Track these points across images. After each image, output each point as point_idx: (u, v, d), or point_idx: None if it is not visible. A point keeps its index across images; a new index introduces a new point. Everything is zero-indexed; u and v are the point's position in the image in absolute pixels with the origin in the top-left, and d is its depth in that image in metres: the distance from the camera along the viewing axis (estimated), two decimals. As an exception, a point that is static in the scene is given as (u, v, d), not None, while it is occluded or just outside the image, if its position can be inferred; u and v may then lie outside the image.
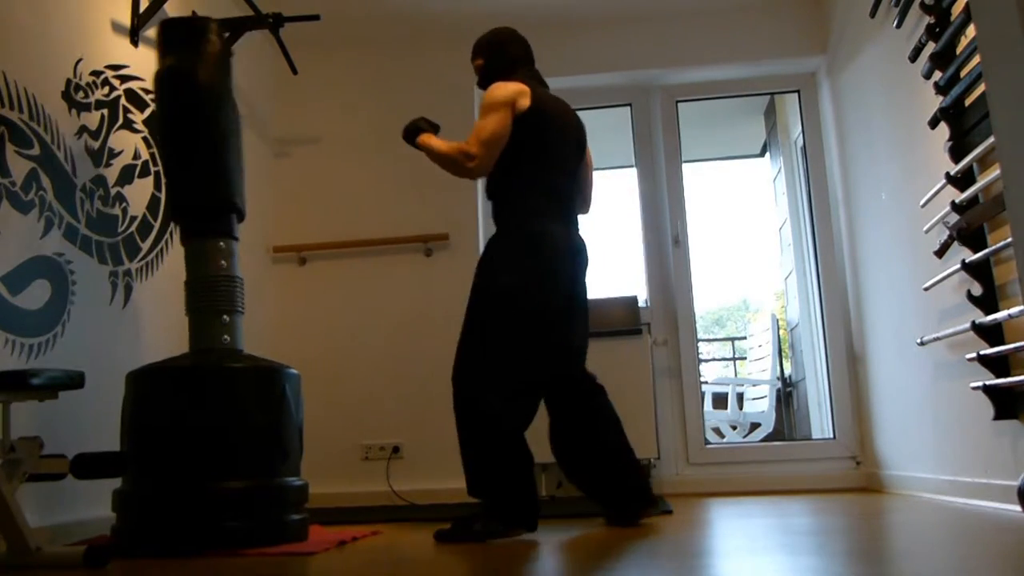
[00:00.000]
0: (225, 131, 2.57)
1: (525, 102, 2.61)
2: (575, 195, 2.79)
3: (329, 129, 4.38)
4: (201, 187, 2.53)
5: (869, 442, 3.85)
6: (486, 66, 2.85)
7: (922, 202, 2.98)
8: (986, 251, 2.57)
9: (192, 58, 2.55)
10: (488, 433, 2.47)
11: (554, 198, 2.67)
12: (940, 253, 2.87)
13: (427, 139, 2.70)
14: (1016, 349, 2.42)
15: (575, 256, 2.68)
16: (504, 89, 2.63)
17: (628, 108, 4.43)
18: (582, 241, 2.74)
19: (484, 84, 2.83)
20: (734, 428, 5.43)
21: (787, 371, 5.86)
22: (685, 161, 4.37)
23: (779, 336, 5.82)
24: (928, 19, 2.87)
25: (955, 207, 2.71)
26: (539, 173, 2.66)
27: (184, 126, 2.54)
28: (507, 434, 2.47)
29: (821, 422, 4.49)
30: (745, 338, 6.85)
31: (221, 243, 2.53)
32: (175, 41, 2.60)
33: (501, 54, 2.83)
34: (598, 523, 2.69)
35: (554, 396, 2.67)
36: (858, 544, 2.03)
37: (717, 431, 5.45)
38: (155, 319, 3.06)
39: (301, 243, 4.22)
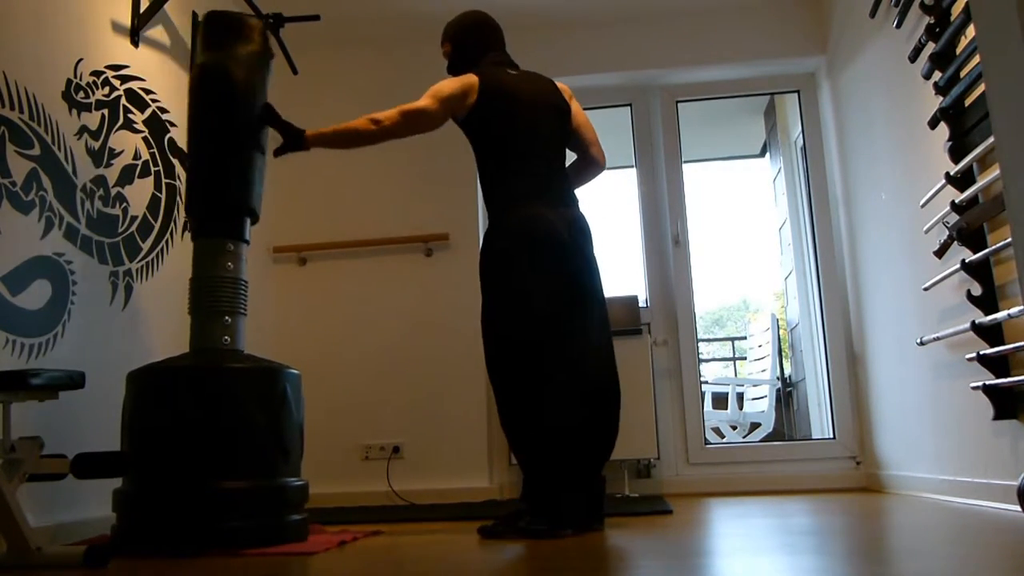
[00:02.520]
0: (255, 134, 2.58)
1: (472, 97, 2.60)
2: (562, 171, 2.69)
3: (329, 129, 4.37)
4: (221, 187, 2.54)
5: (869, 442, 3.85)
6: (453, 52, 2.82)
7: (922, 202, 2.99)
8: (986, 251, 2.57)
9: (231, 57, 2.55)
10: (529, 429, 2.45)
11: (537, 180, 2.59)
12: (940, 253, 2.87)
13: (318, 131, 2.68)
14: (1016, 349, 2.42)
15: (562, 237, 2.52)
16: (450, 83, 2.63)
17: (628, 108, 4.43)
18: (578, 218, 2.61)
19: (452, 70, 2.83)
20: (734, 428, 5.43)
21: (787, 371, 5.86)
22: (685, 161, 4.37)
23: (779, 336, 5.82)
24: (928, 19, 2.87)
25: (955, 207, 2.71)
26: (514, 158, 2.61)
27: (215, 125, 2.54)
28: (549, 430, 2.42)
29: (821, 422, 4.49)
30: (745, 338, 6.85)
31: (230, 245, 2.53)
32: (216, 37, 2.60)
33: (468, 42, 2.80)
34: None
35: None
36: (858, 544, 2.03)
37: (717, 431, 5.45)
38: (155, 319, 3.06)
39: (301, 243, 4.22)
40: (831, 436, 4.05)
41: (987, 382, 2.55)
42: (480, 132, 2.65)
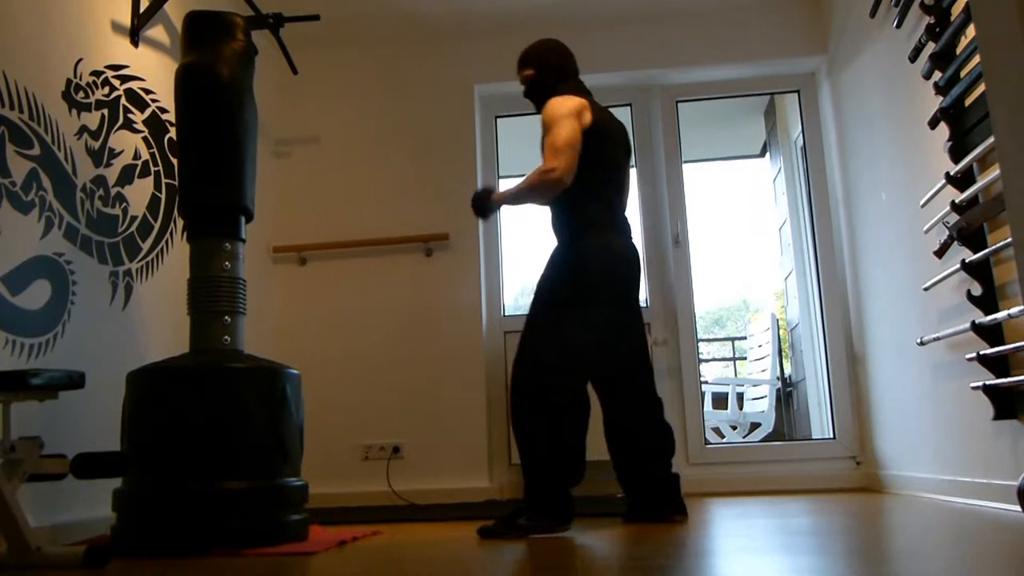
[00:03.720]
0: (242, 131, 2.57)
1: (588, 117, 2.68)
2: (626, 204, 2.89)
3: (329, 129, 4.38)
4: (212, 187, 2.53)
5: (869, 442, 3.85)
6: (538, 77, 2.85)
7: (922, 202, 2.99)
8: (986, 251, 2.57)
9: (215, 55, 2.55)
10: (555, 430, 2.54)
11: (612, 209, 2.77)
12: (940, 253, 2.87)
13: (501, 193, 2.79)
14: (1016, 349, 2.42)
15: (631, 266, 2.76)
16: (567, 103, 2.67)
17: (628, 108, 4.43)
18: (636, 250, 2.81)
19: (534, 94, 2.86)
20: (734, 428, 5.43)
21: (787, 371, 5.86)
22: (685, 161, 4.37)
23: (779, 336, 5.82)
24: (928, 19, 2.87)
25: (955, 207, 2.71)
26: (599, 185, 2.73)
27: (201, 124, 2.54)
28: (575, 434, 2.58)
29: (821, 422, 4.49)
30: (745, 338, 6.85)
31: (226, 244, 2.53)
32: (199, 36, 2.60)
33: (553, 66, 2.85)
34: (599, 523, 2.69)
35: (612, 396, 2.76)
36: (858, 544, 2.03)
37: (717, 431, 5.45)
38: (155, 319, 3.06)
39: (301, 243, 4.22)
40: (831, 436, 4.05)
41: (987, 382, 2.55)
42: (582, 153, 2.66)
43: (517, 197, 2.72)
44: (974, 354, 2.60)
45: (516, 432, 2.60)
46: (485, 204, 2.76)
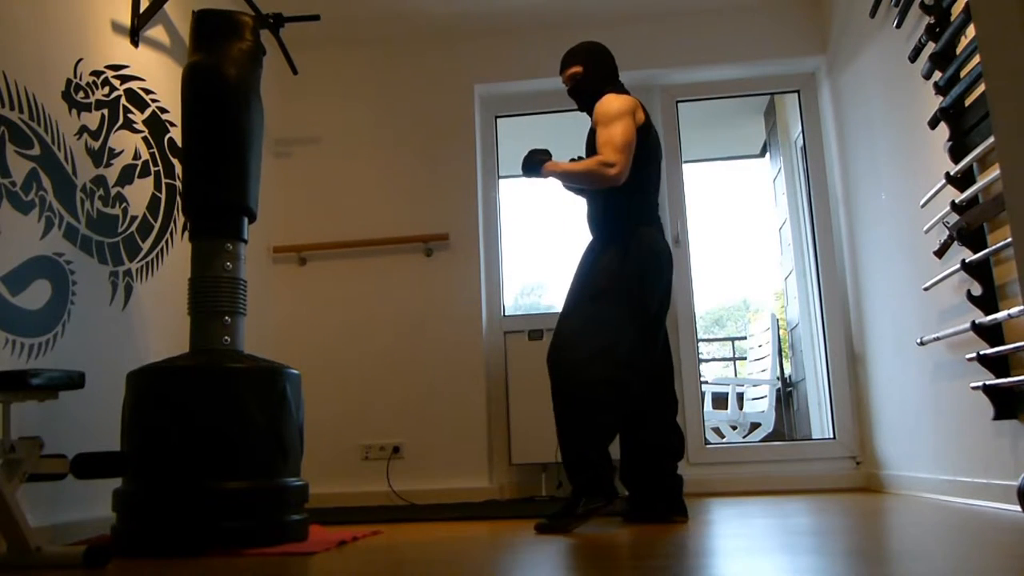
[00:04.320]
0: (247, 132, 2.57)
1: (641, 115, 2.76)
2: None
3: (329, 129, 4.38)
4: (216, 187, 2.53)
5: (869, 442, 3.85)
6: (586, 75, 2.88)
7: (922, 202, 2.99)
8: (986, 251, 2.57)
9: (222, 54, 2.55)
10: (602, 419, 2.61)
11: (655, 207, 2.86)
12: (940, 253, 2.87)
13: (554, 164, 2.79)
14: (1016, 349, 2.42)
15: (671, 264, 2.83)
16: (623, 100, 2.74)
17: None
18: (669, 247, 2.87)
19: (581, 92, 2.89)
20: (734, 428, 5.43)
21: (787, 371, 5.86)
22: (685, 161, 4.37)
23: (779, 336, 5.82)
24: (928, 19, 2.87)
25: (955, 207, 2.71)
26: (646, 184, 2.80)
27: (207, 124, 2.54)
28: (616, 423, 2.64)
29: (821, 422, 4.49)
30: (745, 338, 6.85)
31: (228, 244, 2.52)
32: (207, 35, 2.60)
33: (602, 64, 2.90)
34: (600, 523, 2.69)
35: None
36: (858, 544, 2.04)
37: (717, 431, 5.45)
38: (155, 319, 3.06)
39: (301, 243, 4.22)
40: (831, 436, 4.05)
41: (987, 382, 2.55)
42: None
43: (569, 176, 2.79)
44: (974, 354, 2.60)
45: (557, 418, 2.63)
46: (535, 166, 2.79)
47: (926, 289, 3.01)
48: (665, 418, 2.78)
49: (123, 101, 3.01)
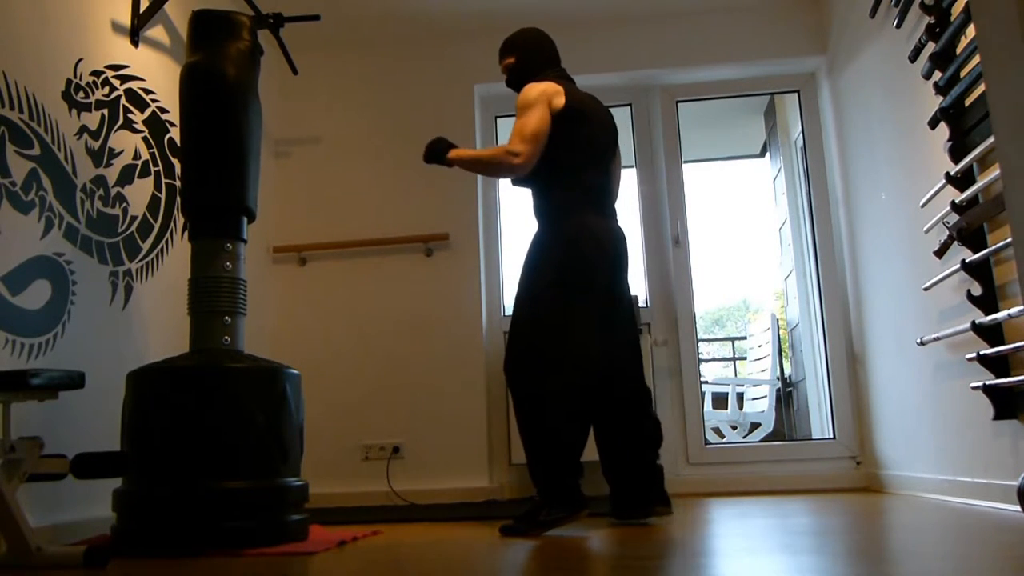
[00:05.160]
0: (246, 132, 2.57)
1: (560, 100, 2.70)
2: (612, 189, 2.87)
3: (329, 129, 4.38)
4: (215, 187, 2.53)
5: (869, 442, 3.85)
6: (517, 65, 2.89)
7: (922, 202, 2.99)
8: (986, 251, 2.57)
9: (220, 55, 2.55)
10: (546, 422, 2.55)
11: (592, 192, 2.75)
12: (940, 253, 2.87)
13: (459, 152, 2.77)
14: (1016, 349, 2.42)
15: (615, 247, 2.73)
16: (538, 88, 2.71)
17: (628, 108, 4.43)
18: (621, 232, 2.79)
19: (514, 83, 2.89)
20: (734, 428, 5.43)
21: (787, 371, 5.86)
22: (685, 161, 4.37)
23: (779, 336, 5.82)
24: (928, 19, 2.87)
25: (955, 207, 2.71)
26: (576, 169, 2.73)
27: (205, 124, 2.54)
28: (567, 425, 2.57)
29: (821, 422, 4.49)
30: (745, 338, 6.85)
31: (228, 244, 2.53)
32: (205, 35, 2.60)
33: (533, 53, 2.89)
34: (596, 523, 2.69)
35: (603, 386, 2.73)
36: (858, 544, 2.03)
37: (717, 431, 5.45)
38: (155, 319, 3.06)
39: (301, 243, 4.22)
40: (831, 436, 4.05)
41: (987, 382, 2.55)
42: (552, 137, 2.69)
43: (472, 164, 2.80)
44: (974, 354, 2.60)
45: (519, 428, 2.62)
46: (438, 153, 2.79)
47: (926, 289, 3.01)
48: (638, 408, 2.71)
49: (123, 101, 3.01)
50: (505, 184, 4.44)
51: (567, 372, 2.56)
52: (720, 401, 5.59)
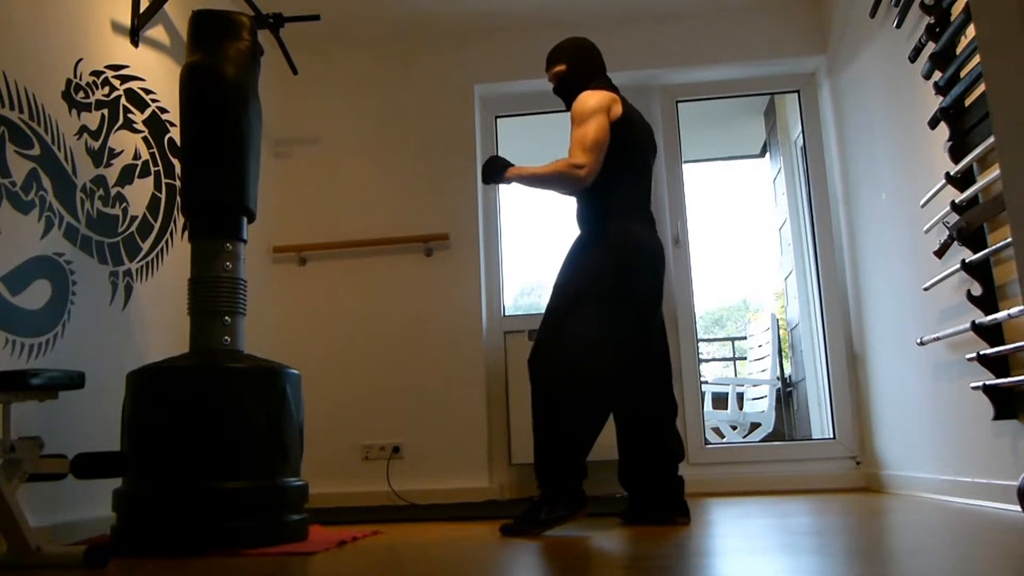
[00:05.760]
0: (246, 132, 2.57)
1: (618, 109, 2.70)
2: (650, 196, 2.87)
3: (329, 129, 4.38)
4: (215, 187, 2.53)
5: (869, 442, 3.85)
6: (569, 72, 2.86)
7: (922, 202, 2.99)
8: (986, 251, 2.57)
9: (220, 55, 2.55)
10: (557, 422, 2.55)
11: (641, 203, 2.77)
12: (940, 253, 2.87)
13: (518, 169, 2.75)
14: (1016, 349, 2.42)
15: (659, 258, 2.74)
16: (598, 97, 2.69)
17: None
18: (660, 243, 2.80)
19: (564, 90, 2.87)
20: (734, 428, 5.43)
21: (787, 371, 5.86)
22: (685, 161, 4.37)
23: (779, 336, 5.82)
24: (928, 19, 2.87)
25: (955, 207, 2.71)
26: (629, 179, 2.74)
27: (205, 124, 2.54)
28: (592, 425, 2.56)
29: (821, 422, 4.49)
30: (745, 338, 6.85)
31: (228, 244, 2.53)
32: (205, 35, 2.60)
33: (585, 61, 2.88)
34: (599, 523, 2.69)
35: (633, 396, 2.72)
36: (858, 544, 2.03)
37: (717, 431, 5.45)
38: (155, 319, 3.06)
39: (301, 243, 4.22)
40: (831, 436, 4.05)
41: (987, 382, 2.55)
42: (609, 145, 2.67)
43: (536, 180, 2.72)
44: (974, 354, 2.60)
45: (533, 422, 2.59)
46: (495, 173, 2.77)
47: (926, 289, 3.01)
48: (665, 422, 2.72)
49: (123, 101, 3.01)
50: (505, 184, 4.44)
51: (593, 384, 2.55)
52: (720, 401, 5.59)
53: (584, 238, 2.76)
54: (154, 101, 3.20)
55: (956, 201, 2.70)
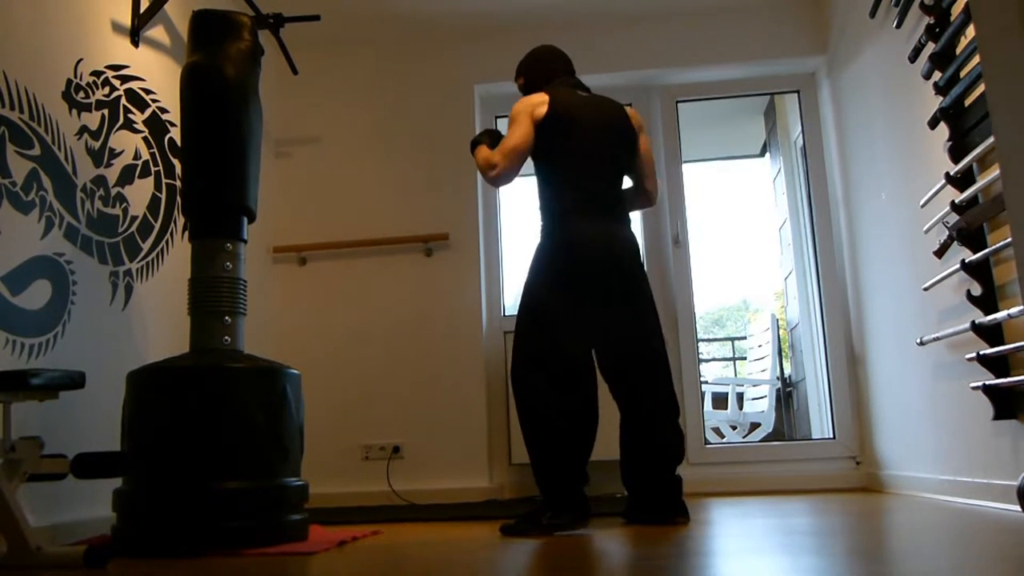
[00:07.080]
0: (247, 132, 2.57)
1: (542, 110, 2.74)
2: (616, 193, 2.83)
3: (329, 129, 4.38)
4: (215, 187, 2.53)
5: (869, 442, 3.85)
6: (525, 83, 3.00)
7: (922, 202, 2.99)
8: (986, 251, 2.57)
9: (221, 55, 2.55)
10: (537, 425, 2.60)
11: (587, 198, 2.73)
12: (940, 253, 2.87)
13: (477, 150, 2.82)
14: (1016, 349, 2.42)
15: (609, 252, 2.67)
16: (522, 103, 2.79)
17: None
18: (624, 237, 2.74)
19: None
20: (734, 428, 5.43)
21: (787, 371, 5.87)
22: (685, 161, 4.37)
23: (779, 336, 5.82)
24: (928, 19, 2.87)
25: (955, 207, 2.71)
26: (569, 176, 2.76)
27: (206, 124, 2.54)
28: (556, 427, 2.58)
29: (821, 422, 4.49)
30: (745, 338, 6.86)
31: (228, 244, 2.53)
32: (205, 35, 2.60)
33: (535, 71, 2.97)
34: (599, 523, 2.69)
35: (628, 396, 2.72)
36: (858, 544, 2.04)
37: (717, 431, 5.45)
38: (155, 319, 3.07)
39: (301, 243, 4.22)
40: (831, 436, 4.05)
41: (987, 382, 2.55)
42: (541, 146, 2.74)
43: (478, 163, 2.83)
44: (974, 354, 2.60)
45: (526, 437, 2.65)
46: (472, 144, 2.88)
47: (926, 289, 3.01)
48: (664, 422, 2.69)
49: (123, 101, 3.01)
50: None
51: (549, 368, 2.59)
52: (720, 401, 5.59)
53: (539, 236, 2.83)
54: (154, 101, 3.20)
55: (956, 201, 2.70)
